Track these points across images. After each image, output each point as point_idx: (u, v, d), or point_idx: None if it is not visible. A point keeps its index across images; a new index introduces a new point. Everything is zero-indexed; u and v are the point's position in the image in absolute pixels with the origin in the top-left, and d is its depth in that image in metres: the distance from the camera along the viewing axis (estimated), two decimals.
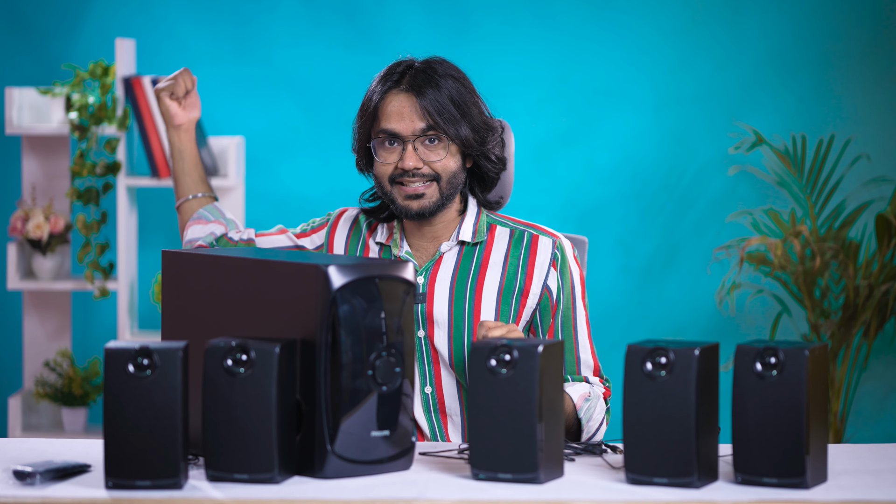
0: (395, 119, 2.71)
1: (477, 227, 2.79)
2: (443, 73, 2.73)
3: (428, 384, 2.74)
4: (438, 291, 2.74)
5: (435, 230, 2.78)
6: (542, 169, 5.16)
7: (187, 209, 2.95)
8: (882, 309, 4.85)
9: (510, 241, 2.79)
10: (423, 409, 2.74)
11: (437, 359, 2.73)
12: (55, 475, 2.17)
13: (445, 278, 2.75)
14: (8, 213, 5.09)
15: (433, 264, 2.76)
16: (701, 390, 2.12)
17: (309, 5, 5.14)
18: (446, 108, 2.70)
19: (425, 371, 2.74)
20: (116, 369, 2.11)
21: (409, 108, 2.71)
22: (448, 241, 2.78)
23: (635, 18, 5.14)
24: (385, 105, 2.73)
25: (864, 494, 2.11)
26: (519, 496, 2.10)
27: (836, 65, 5.13)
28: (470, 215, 2.79)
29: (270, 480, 2.14)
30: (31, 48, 5.15)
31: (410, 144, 2.70)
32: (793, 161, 4.98)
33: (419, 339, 2.73)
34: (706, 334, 5.06)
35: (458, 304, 2.73)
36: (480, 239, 2.77)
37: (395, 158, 2.72)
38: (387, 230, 2.81)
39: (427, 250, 2.79)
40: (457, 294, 2.74)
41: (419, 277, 2.75)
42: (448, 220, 2.78)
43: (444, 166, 2.72)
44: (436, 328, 2.73)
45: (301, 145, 5.16)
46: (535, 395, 2.13)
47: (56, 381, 4.89)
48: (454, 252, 2.77)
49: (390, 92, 2.73)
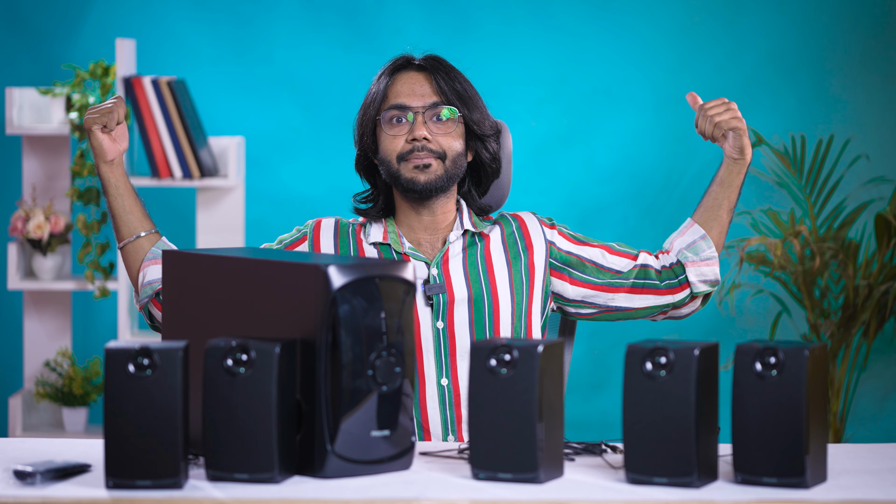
0: (405, 94, 2.75)
1: (473, 220, 2.82)
2: (452, 66, 2.79)
3: (444, 376, 2.74)
4: (455, 280, 2.75)
5: (435, 220, 2.79)
6: (542, 169, 5.16)
7: (135, 249, 2.77)
8: (882, 309, 4.86)
9: (502, 227, 2.84)
10: (439, 402, 2.73)
11: (454, 350, 2.74)
12: (55, 475, 2.17)
13: (458, 266, 2.77)
14: (8, 213, 5.09)
15: (443, 255, 2.77)
16: (701, 390, 2.12)
17: (309, 5, 5.14)
18: (456, 88, 2.75)
19: (442, 363, 2.74)
20: (116, 369, 2.11)
21: (421, 82, 2.76)
22: (454, 231, 2.80)
23: (635, 18, 5.14)
24: (395, 84, 2.77)
25: (864, 494, 2.11)
26: (519, 496, 2.10)
27: (836, 65, 5.14)
28: (465, 209, 2.83)
29: (270, 480, 2.14)
30: (31, 48, 5.15)
31: (420, 115, 2.73)
32: (792, 161, 4.98)
33: (437, 329, 2.74)
34: (706, 334, 5.07)
35: (476, 288, 2.75)
36: (481, 229, 2.81)
37: (404, 132, 2.74)
38: (381, 230, 2.81)
39: (430, 243, 2.80)
40: (472, 279, 2.76)
41: (433, 269, 2.76)
42: (447, 210, 2.80)
43: (451, 144, 2.74)
44: (455, 316, 2.74)
45: (301, 145, 5.16)
46: (535, 395, 2.13)
47: (56, 381, 4.89)
48: (459, 242, 2.80)
49: (400, 72, 2.78)
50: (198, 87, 5.05)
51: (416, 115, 2.73)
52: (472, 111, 2.76)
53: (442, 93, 2.74)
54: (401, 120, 2.74)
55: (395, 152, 2.74)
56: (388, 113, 2.75)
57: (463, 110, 2.75)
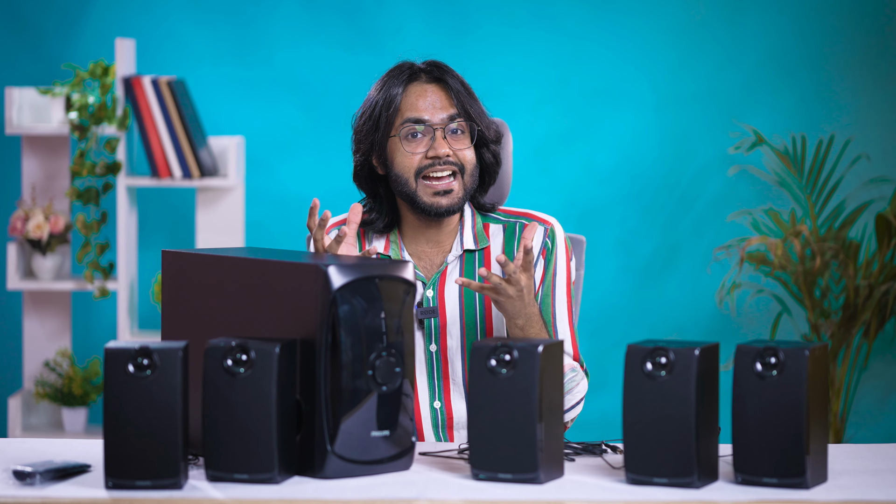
0: (421, 108, 2.70)
1: (476, 233, 2.77)
2: (452, 69, 2.75)
3: (437, 399, 2.72)
4: (449, 304, 2.73)
5: (440, 234, 2.76)
6: (542, 169, 5.16)
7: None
8: (882, 309, 4.85)
9: (504, 238, 2.78)
10: (432, 425, 2.72)
11: (447, 373, 2.72)
12: (55, 475, 2.17)
13: (454, 289, 2.73)
14: (8, 213, 5.09)
15: (440, 276, 2.74)
16: (701, 390, 2.12)
17: (309, 5, 5.14)
18: (466, 97, 2.72)
19: (435, 386, 2.72)
20: (116, 369, 2.11)
21: (436, 95, 2.71)
22: (453, 251, 2.76)
23: (635, 18, 5.14)
24: (408, 96, 2.71)
25: (864, 494, 2.11)
26: (519, 496, 2.10)
27: (836, 65, 5.13)
28: (468, 221, 2.78)
29: (270, 480, 2.14)
30: (31, 48, 5.15)
31: (440, 131, 2.69)
32: (793, 161, 4.98)
33: (430, 353, 2.72)
34: (706, 334, 5.06)
35: (469, 311, 2.72)
36: (482, 245, 2.76)
37: (422, 148, 2.69)
38: (383, 239, 2.77)
39: (430, 258, 2.76)
40: (467, 304, 2.73)
41: (428, 291, 2.73)
42: (452, 223, 2.77)
43: (467, 157, 2.71)
44: (448, 340, 2.71)
45: (301, 145, 5.16)
46: (535, 395, 2.13)
47: (56, 381, 4.89)
48: (458, 261, 2.76)
49: (412, 83, 2.72)
50: (198, 87, 5.05)
51: (436, 130, 2.68)
52: (480, 119, 2.73)
53: (458, 105, 2.70)
54: (416, 135, 2.69)
55: (412, 168, 2.69)
56: (404, 128, 2.70)
57: (477, 119, 2.71)
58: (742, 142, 5.06)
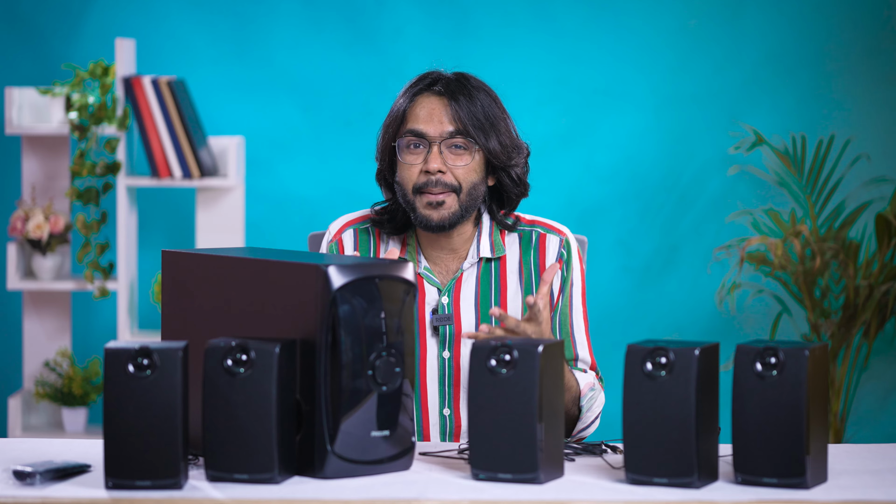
0: (423, 120, 2.69)
1: (493, 241, 2.76)
2: (476, 86, 2.71)
3: (447, 406, 2.72)
4: (464, 311, 2.72)
5: (453, 243, 2.75)
6: (542, 169, 5.14)
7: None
8: (882, 309, 4.85)
9: (520, 246, 2.78)
10: (440, 432, 2.72)
11: (458, 381, 2.71)
12: (55, 475, 2.17)
13: (469, 297, 2.73)
14: (8, 213, 5.09)
15: (455, 283, 2.74)
16: (701, 390, 2.12)
17: (309, 5, 5.13)
18: (476, 116, 2.68)
19: (445, 393, 2.72)
20: (116, 369, 2.11)
21: (440, 110, 2.69)
22: (468, 258, 2.75)
23: (635, 18, 5.14)
24: (414, 107, 2.70)
25: (864, 494, 2.11)
26: (519, 496, 2.10)
27: (836, 65, 5.13)
28: (485, 228, 2.77)
29: (270, 480, 2.14)
30: (31, 48, 5.15)
31: (437, 146, 2.67)
32: (793, 161, 4.98)
33: (443, 359, 2.72)
34: (706, 334, 5.06)
35: (485, 319, 2.72)
36: (499, 254, 2.76)
37: (419, 161, 2.68)
38: (399, 242, 2.77)
39: (446, 264, 2.76)
40: (482, 312, 2.73)
41: (443, 298, 2.72)
42: (466, 232, 2.75)
43: (466, 175, 2.68)
44: (462, 348, 2.71)
45: (301, 145, 5.16)
46: (535, 395, 2.13)
47: (56, 381, 4.88)
48: (474, 269, 2.75)
49: (421, 94, 2.71)
50: (198, 87, 5.05)
51: (432, 144, 2.67)
52: (491, 139, 2.69)
53: (459, 121, 2.67)
54: (417, 146, 2.68)
55: (410, 181, 2.68)
56: (404, 139, 2.69)
57: (481, 140, 2.68)
58: (742, 142, 5.06)
